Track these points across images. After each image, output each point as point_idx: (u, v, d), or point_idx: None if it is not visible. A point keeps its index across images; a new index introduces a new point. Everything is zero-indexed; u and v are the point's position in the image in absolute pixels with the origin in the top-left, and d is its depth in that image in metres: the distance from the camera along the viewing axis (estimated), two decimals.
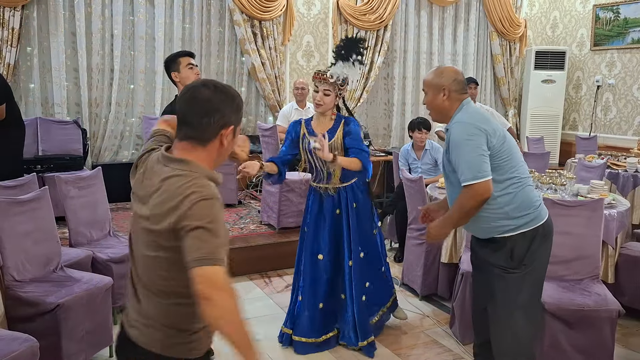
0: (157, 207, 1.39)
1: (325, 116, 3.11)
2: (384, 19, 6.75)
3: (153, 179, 1.45)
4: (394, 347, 3.25)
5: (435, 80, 2.36)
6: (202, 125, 1.42)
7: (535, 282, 2.38)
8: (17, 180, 3.44)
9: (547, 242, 2.37)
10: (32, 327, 2.59)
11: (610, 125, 7.43)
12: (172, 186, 1.38)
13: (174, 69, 3.16)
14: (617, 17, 7.21)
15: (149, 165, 1.50)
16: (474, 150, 2.19)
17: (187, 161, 1.42)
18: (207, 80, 1.49)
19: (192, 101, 1.43)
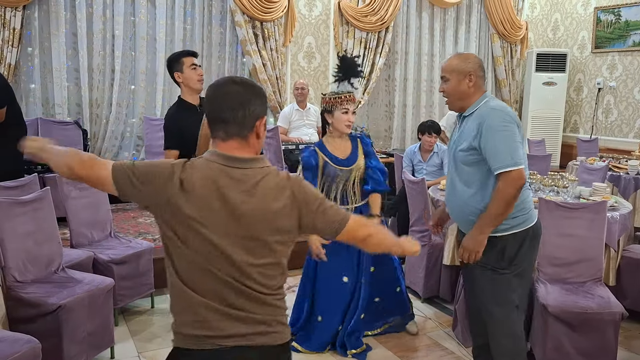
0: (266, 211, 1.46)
1: (341, 137, 3.09)
2: (386, 20, 6.75)
3: (235, 187, 1.44)
4: (396, 350, 3.24)
5: (461, 65, 2.31)
6: (239, 118, 1.46)
7: (525, 283, 2.41)
8: (18, 181, 3.43)
9: (536, 244, 2.40)
10: (33, 328, 2.57)
11: (611, 128, 7.43)
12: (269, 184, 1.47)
13: (176, 69, 3.07)
14: (619, 20, 7.21)
15: (214, 181, 1.43)
16: (512, 137, 2.19)
17: (263, 158, 1.52)
18: (230, 76, 1.58)
19: (226, 97, 1.46)
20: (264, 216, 1.45)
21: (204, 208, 1.42)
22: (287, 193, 1.48)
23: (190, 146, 2.91)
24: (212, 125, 1.50)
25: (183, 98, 3.11)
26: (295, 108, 5.87)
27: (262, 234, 1.46)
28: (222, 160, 1.45)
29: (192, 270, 1.46)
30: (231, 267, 1.44)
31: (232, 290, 1.46)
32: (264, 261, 1.47)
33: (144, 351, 3.16)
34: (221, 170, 1.44)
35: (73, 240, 3.51)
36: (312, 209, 1.51)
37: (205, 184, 1.42)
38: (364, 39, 6.76)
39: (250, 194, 1.44)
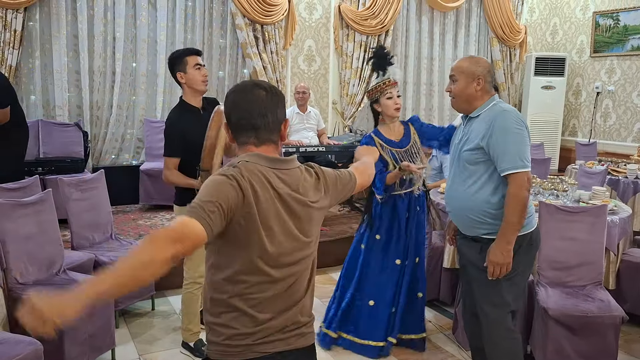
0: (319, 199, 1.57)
1: (394, 123, 3.19)
2: (385, 24, 6.77)
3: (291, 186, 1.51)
4: (397, 353, 3.24)
5: (472, 68, 2.32)
6: (270, 125, 1.49)
7: (517, 288, 2.40)
8: (19, 183, 3.43)
9: (532, 249, 2.40)
10: None
11: (609, 132, 7.46)
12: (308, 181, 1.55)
13: (179, 68, 2.87)
14: (617, 24, 7.24)
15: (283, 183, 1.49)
16: (522, 140, 2.22)
17: (294, 157, 1.57)
18: (253, 80, 1.60)
19: (254, 103, 1.48)
20: (313, 212, 1.53)
21: (270, 211, 1.43)
22: (320, 185, 1.58)
23: (192, 153, 2.75)
24: (240, 131, 1.50)
25: (185, 100, 2.95)
26: (296, 111, 5.88)
27: (312, 229, 1.54)
28: (267, 163, 1.47)
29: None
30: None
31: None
32: (308, 252, 1.55)
33: (145, 353, 3.16)
34: (270, 171, 1.46)
35: (74, 242, 3.51)
36: (336, 184, 1.64)
37: (264, 187, 1.43)
38: (364, 43, 6.78)
39: (299, 192, 1.50)
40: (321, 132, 6.05)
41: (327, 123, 6.71)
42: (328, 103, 6.89)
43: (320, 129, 6.05)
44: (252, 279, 1.44)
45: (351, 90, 6.81)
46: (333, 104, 6.88)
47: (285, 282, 1.50)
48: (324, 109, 6.80)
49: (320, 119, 6.15)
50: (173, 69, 2.91)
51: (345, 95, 6.83)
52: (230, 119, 1.50)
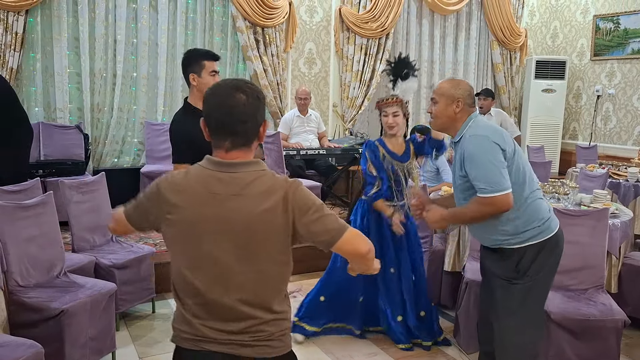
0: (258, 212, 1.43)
1: (397, 137, 3.29)
2: (386, 27, 6.77)
3: (222, 191, 1.44)
4: (398, 356, 3.24)
5: (451, 91, 2.36)
6: (248, 130, 1.47)
7: (539, 294, 2.37)
8: (20, 185, 3.43)
9: (554, 254, 2.36)
10: (35, 332, 2.57)
11: (610, 135, 7.46)
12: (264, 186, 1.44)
13: (194, 70, 2.76)
14: (617, 28, 7.25)
15: (200, 188, 1.46)
16: (491, 164, 2.19)
17: (259, 161, 1.49)
18: (232, 82, 1.49)
19: (233, 109, 1.44)
20: (252, 219, 1.42)
21: (196, 212, 1.44)
22: (279, 195, 1.43)
23: (200, 157, 2.72)
24: (216, 134, 1.48)
25: (191, 102, 2.83)
26: (296, 114, 5.89)
27: (251, 239, 1.43)
28: (212, 166, 1.47)
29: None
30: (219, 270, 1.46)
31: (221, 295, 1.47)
32: (252, 268, 1.45)
33: (145, 356, 3.16)
34: (211, 175, 1.46)
35: (75, 244, 3.51)
36: (306, 214, 1.45)
37: (197, 189, 1.45)
38: (364, 45, 6.79)
39: (240, 195, 1.43)
40: (322, 135, 6.06)
41: (327, 126, 6.71)
42: (328, 106, 6.89)
43: (320, 132, 6.06)
44: (180, 283, 1.51)
45: (352, 93, 6.81)
46: (333, 107, 6.88)
47: (212, 292, 1.45)
48: (324, 112, 6.80)
49: (321, 122, 6.16)
50: (187, 68, 2.80)
51: (345, 98, 6.83)
52: (209, 122, 1.48)
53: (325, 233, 1.46)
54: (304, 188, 1.49)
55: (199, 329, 1.46)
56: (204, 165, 1.49)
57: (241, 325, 1.45)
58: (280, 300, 1.52)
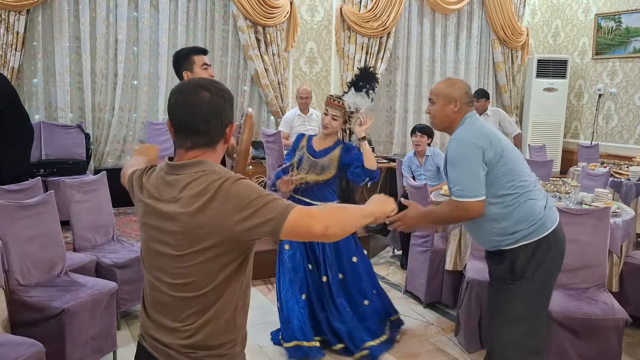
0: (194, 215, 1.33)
1: (328, 137, 3.27)
2: (387, 26, 6.77)
3: (167, 194, 1.39)
4: (399, 356, 3.24)
5: (447, 90, 2.37)
6: (211, 130, 1.39)
7: (537, 295, 2.31)
8: (21, 185, 3.43)
9: (551, 254, 2.30)
10: (36, 332, 2.57)
11: (611, 134, 7.45)
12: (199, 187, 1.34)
13: (186, 67, 2.77)
14: (619, 27, 7.24)
15: (153, 188, 1.43)
16: (468, 169, 2.21)
17: (204, 161, 1.38)
18: (197, 80, 1.43)
19: (196, 107, 1.37)
20: (185, 224, 1.33)
21: (145, 214, 1.45)
22: (208, 196, 1.31)
23: None
24: (178, 133, 1.41)
25: None
26: (297, 113, 5.88)
27: (182, 245, 1.35)
28: (165, 168, 1.43)
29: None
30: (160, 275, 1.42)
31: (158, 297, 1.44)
32: (180, 281, 1.37)
33: None
34: (162, 177, 1.41)
35: (76, 244, 3.51)
36: (245, 212, 1.30)
37: (150, 190, 1.44)
38: (365, 45, 6.78)
39: (175, 200, 1.35)
40: None
41: None
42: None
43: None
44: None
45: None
46: None
47: (150, 287, 1.45)
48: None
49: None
50: (179, 67, 2.82)
51: None
52: (172, 120, 1.41)
53: (265, 224, 1.30)
54: (245, 182, 1.35)
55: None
56: (161, 166, 1.45)
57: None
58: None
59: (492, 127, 2.42)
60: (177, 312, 1.39)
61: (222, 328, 1.40)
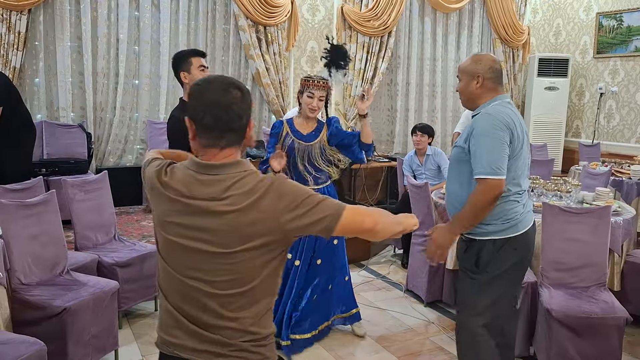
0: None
1: (311, 119, 3.24)
2: (388, 25, 6.77)
3: (203, 193, 1.38)
4: (399, 354, 3.24)
5: (471, 66, 2.35)
6: (242, 127, 1.43)
7: (501, 292, 2.34)
8: (23, 184, 3.44)
9: (517, 253, 2.32)
10: (38, 330, 2.58)
11: (613, 133, 7.44)
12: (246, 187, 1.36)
13: (184, 68, 2.88)
14: (621, 25, 7.23)
15: (181, 186, 1.40)
16: (497, 145, 2.19)
17: (242, 162, 1.42)
18: (223, 78, 1.44)
19: (231, 105, 1.39)
20: (234, 221, 1.34)
21: (173, 213, 1.40)
22: (259, 194, 1.35)
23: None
24: (211, 132, 1.40)
25: (186, 99, 3.02)
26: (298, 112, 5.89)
27: (229, 243, 1.35)
28: (195, 167, 1.41)
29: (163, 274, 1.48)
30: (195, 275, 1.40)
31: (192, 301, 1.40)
32: (224, 278, 1.37)
33: (148, 354, 3.17)
34: (193, 176, 1.40)
35: (78, 243, 3.52)
36: (298, 211, 1.35)
37: (178, 189, 1.40)
38: (366, 44, 6.78)
39: (219, 199, 1.35)
40: None
41: None
42: (331, 104, 6.89)
43: None
44: (160, 270, 1.48)
45: (354, 92, 6.81)
46: (336, 106, 6.88)
47: (183, 286, 1.41)
48: None
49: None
50: (177, 68, 2.91)
51: (348, 97, 6.83)
52: (203, 119, 1.38)
53: (320, 222, 1.37)
54: (290, 182, 1.41)
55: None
56: (187, 165, 1.43)
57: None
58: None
59: (522, 122, 2.37)
60: (218, 308, 1.39)
61: (265, 319, 1.44)
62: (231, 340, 1.39)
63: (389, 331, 3.53)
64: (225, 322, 1.39)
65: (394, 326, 3.62)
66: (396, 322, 3.68)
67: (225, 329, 1.39)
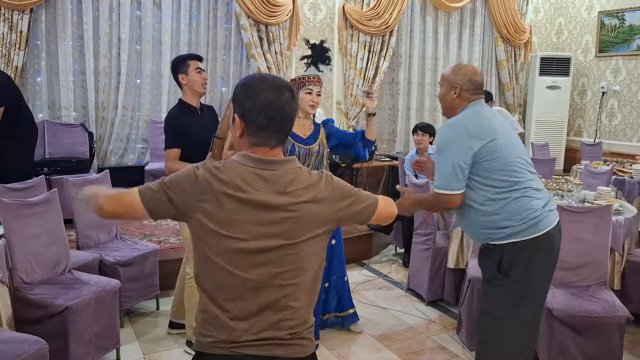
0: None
1: (307, 119, 3.22)
2: (390, 24, 6.76)
3: (264, 187, 1.41)
4: (401, 353, 3.25)
5: (450, 76, 2.37)
6: (291, 128, 1.51)
7: (528, 298, 2.23)
8: (25, 183, 3.45)
9: (540, 255, 2.22)
10: (40, 329, 2.59)
11: (615, 132, 7.43)
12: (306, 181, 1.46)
13: (182, 70, 3.08)
14: (622, 24, 7.21)
15: (240, 182, 1.40)
16: (450, 161, 2.21)
17: (294, 159, 1.51)
18: (276, 79, 1.48)
19: (284, 107, 1.44)
20: (300, 213, 1.42)
21: (235, 211, 1.39)
22: (318, 188, 1.46)
23: (191, 148, 2.94)
24: (264, 131, 1.43)
25: (185, 100, 3.13)
26: None
27: (295, 234, 1.43)
28: (252, 163, 1.43)
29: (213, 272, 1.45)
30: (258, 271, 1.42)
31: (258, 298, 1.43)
32: (289, 268, 1.43)
33: (150, 353, 3.18)
34: (252, 172, 1.41)
35: (79, 242, 3.53)
36: (348, 201, 1.51)
37: (238, 184, 1.39)
38: (368, 43, 6.78)
39: (283, 193, 1.42)
40: None
41: None
42: (332, 103, 6.89)
43: None
44: (213, 274, 1.43)
45: (355, 91, 6.81)
46: (337, 105, 6.88)
47: (249, 282, 1.41)
48: (328, 110, 6.80)
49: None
50: (175, 70, 3.10)
51: (349, 96, 6.83)
52: (257, 119, 1.42)
53: (364, 210, 1.55)
54: (338, 178, 1.56)
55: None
56: (240, 161, 1.43)
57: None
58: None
59: (494, 119, 2.34)
60: (283, 299, 1.43)
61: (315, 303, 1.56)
62: (294, 330, 1.45)
63: (390, 330, 3.54)
64: (288, 312, 1.44)
65: (395, 325, 3.62)
66: (397, 321, 3.68)
67: (287, 319, 1.44)
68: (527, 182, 2.24)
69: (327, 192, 1.47)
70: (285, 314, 1.43)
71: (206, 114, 3.18)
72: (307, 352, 1.49)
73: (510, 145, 2.26)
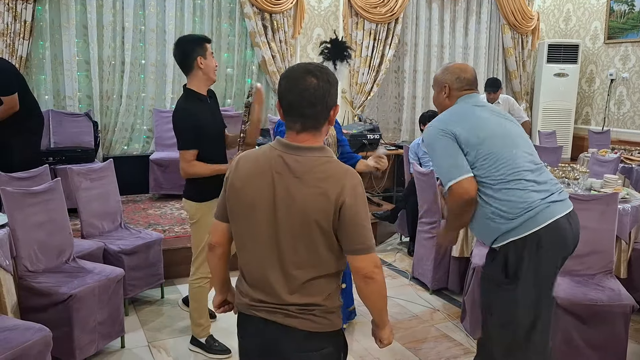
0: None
1: None
2: (395, 11, 6.70)
3: (285, 170, 1.50)
4: (405, 341, 3.25)
5: (439, 76, 2.37)
6: (317, 113, 1.51)
7: (533, 298, 2.13)
8: (29, 172, 3.46)
9: (542, 252, 2.09)
10: (44, 317, 2.61)
11: (623, 120, 7.34)
12: (330, 171, 1.49)
13: (200, 53, 2.73)
14: (632, 10, 7.10)
15: (265, 167, 1.52)
16: (442, 153, 2.18)
17: (325, 148, 1.53)
18: (305, 66, 1.52)
19: (305, 92, 1.47)
20: (307, 203, 1.46)
21: (257, 192, 1.51)
22: (337, 185, 1.46)
23: (209, 142, 2.74)
24: (288, 116, 1.52)
25: (193, 89, 2.78)
26: None
27: (308, 222, 1.47)
28: (280, 147, 1.53)
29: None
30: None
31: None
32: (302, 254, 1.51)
33: (154, 340, 3.19)
34: (279, 156, 1.51)
35: (84, 230, 3.55)
36: (350, 214, 1.46)
37: (259, 167, 1.52)
38: (373, 31, 6.72)
39: (300, 179, 1.47)
40: None
41: None
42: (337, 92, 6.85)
43: None
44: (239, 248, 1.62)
45: (360, 79, 6.77)
46: (342, 93, 6.84)
47: (262, 256, 1.54)
48: None
49: None
50: (191, 52, 2.74)
51: (354, 84, 6.79)
52: (282, 104, 1.53)
53: (356, 242, 1.49)
54: (361, 186, 1.51)
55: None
56: (274, 145, 1.55)
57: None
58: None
59: (483, 110, 2.26)
60: (297, 272, 1.52)
61: (315, 286, 1.57)
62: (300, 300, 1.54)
63: (394, 318, 3.54)
64: (299, 285, 1.53)
65: (400, 313, 3.62)
66: (402, 310, 3.68)
67: (298, 292, 1.53)
68: (520, 174, 2.12)
69: (347, 196, 1.46)
70: (296, 295, 1.55)
71: (213, 101, 2.92)
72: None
73: (502, 135, 2.17)
